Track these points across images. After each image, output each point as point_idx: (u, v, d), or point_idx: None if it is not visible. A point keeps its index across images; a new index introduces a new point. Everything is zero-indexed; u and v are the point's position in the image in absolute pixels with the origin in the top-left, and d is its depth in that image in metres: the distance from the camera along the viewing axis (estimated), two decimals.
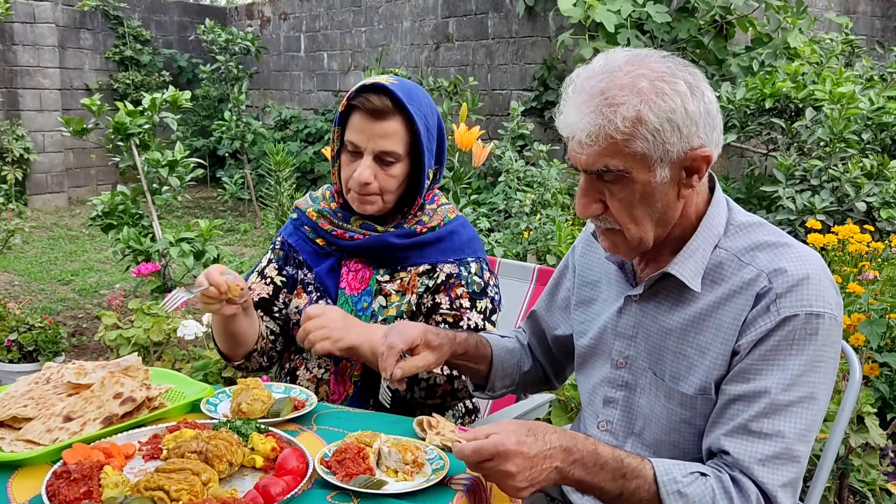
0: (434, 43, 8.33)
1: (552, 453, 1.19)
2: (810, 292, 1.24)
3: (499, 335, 1.74)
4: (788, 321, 1.23)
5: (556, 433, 1.22)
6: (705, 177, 1.33)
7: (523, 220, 4.75)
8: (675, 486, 1.22)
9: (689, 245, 1.33)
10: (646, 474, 1.23)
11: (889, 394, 2.82)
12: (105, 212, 4.23)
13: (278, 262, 1.94)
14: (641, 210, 1.28)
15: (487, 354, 1.64)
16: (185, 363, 3.35)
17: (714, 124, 1.26)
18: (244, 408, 1.47)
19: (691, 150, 1.24)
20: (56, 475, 1.19)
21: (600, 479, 1.22)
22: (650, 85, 1.21)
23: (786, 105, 5.18)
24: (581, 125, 1.24)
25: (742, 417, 1.25)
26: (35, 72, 8.84)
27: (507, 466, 1.16)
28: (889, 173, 4.48)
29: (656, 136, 1.21)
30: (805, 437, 1.24)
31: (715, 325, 1.30)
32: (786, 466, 1.23)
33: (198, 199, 9.64)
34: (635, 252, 1.36)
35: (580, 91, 1.26)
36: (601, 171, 1.26)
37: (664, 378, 1.37)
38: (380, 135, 1.71)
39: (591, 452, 1.22)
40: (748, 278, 1.28)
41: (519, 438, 1.17)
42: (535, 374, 1.75)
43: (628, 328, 1.43)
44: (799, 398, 1.23)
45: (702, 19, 5.87)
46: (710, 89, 1.28)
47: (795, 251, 1.29)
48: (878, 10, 9.06)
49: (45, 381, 1.56)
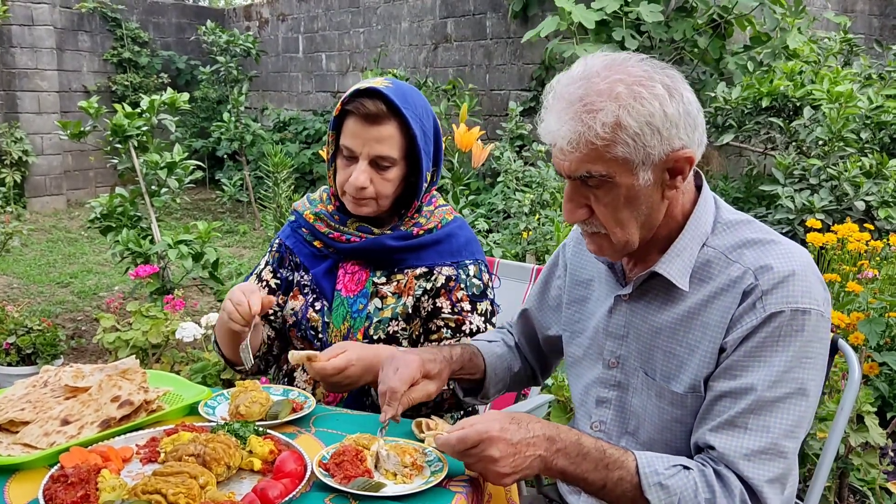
0: (432, 43, 8.33)
1: (535, 441, 1.22)
2: (796, 288, 1.24)
3: (486, 340, 1.75)
4: (774, 317, 1.24)
5: (540, 423, 1.25)
6: (691, 176, 1.34)
7: (522, 220, 4.75)
8: (657, 479, 1.23)
9: (676, 244, 1.34)
10: (628, 465, 1.24)
11: (889, 393, 2.82)
12: (104, 214, 4.23)
13: (273, 264, 1.94)
14: (626, 213, 1.29)
15: (481, 364, 1.66)
16: (183, 365, 3.35)
17: (695, 124, 1.27)
18: (242, 410, 1.47)
19: (673, 152, 1.25)
20: (53, 479, 1.18)
21: (583, 469, 1.24)
22: (627, 90, 1.22)
23: (784, 104, 5.17)
24: (562, 132, 1.24)
25: (728, 413, 1.25)
26: (33, 74, 8.83)
27: (491, 451, 1.20)
28: (888, 172, 4.48)
29: (637, 140, 1.22)
30: (793, 434, 1.24)
31: (703, 323, 1.31)
32: (772, 462, 1.23)
33: (197, 200, 9.64)
34: (621, 254, 1.37)
35: (559, 98, 1.26)
36: (584, 176, 1.27)
37: (655, 377, 1.38)
38: (375, 139, 1.71)
39: (574, 443, 1.24)
40: (735, 276, 1.29)
41: (502, 426, 1.21)
42: (523, 373, 1.78)
43: (619, 328, 1.44)
44: (785, 394, 1.23)
45: (700, 18, 5.87)
46: (688, 90, 1.28)
47: (782, 248, 1.30)
48: (875, 9, 9.05)
49: (42, 385, 1.56)
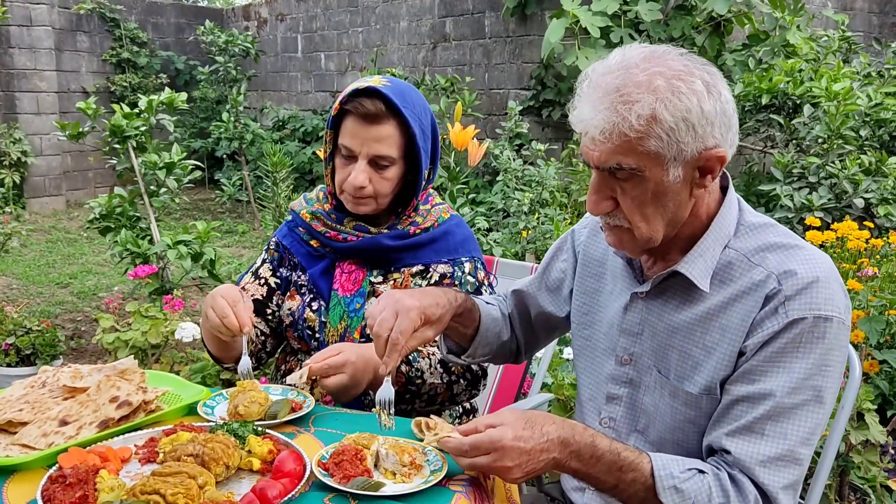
0: (431, 43, 8.32)
1: (549, 446, 1.21)
2: (819, 295, 1.23)
3: (484, 301, 1.71)
4: (796, 324, 1.22)
5: (555, 423, 1.23)
6: (718, 177, 1.31)
7: (522, 219, 4.75)
8: (672, 482, 1.22)
9: (700, 244, 1.32)
10: (643, 468, 1.23)
11: (889, 390, 2.82)
12: (103, 214, 4.22)
13: (272, 262, 1.93)
14: (653, 209, 1.27)
15: (476, 319, 1.61)
16: (183, 365, 3.34)
17: (730, 124, 1.25)
18: (241, 410, 1.46)
19: (706, 150, 1.23)
20: (52, 479, 1.18)
21: (596, 470, 1.24)
22: (666, 83, 1.19)
23: (783, 102, 5.17)
24: (595, 122, 1.22)
25: (746, 418, 1.24)
26: (32, 75, 8.83)
27: (504, 462, 1.18)
28: (887, 170, 4.48)
29: (671, 135, 1.19)
30: (808, 441, 1.24)
31: (722, 325, 1.29)
32: (788, 468, 1.22)
33: (196, 200, 9.63)
34: (641, 250, 1.35)
35: (595, 87, 1.23)
36: (614, 168, 1.24)
37: (669, 376, 1.36)
38: (374, 139, 1.70)
39: (589, 445, 1.23)
40: (757, 279, 1.27)
41: (516, 433, 1.19)
42: (509, 345, 1.73)
43: (634, 325, 1.43)
44: (804, 401, 1.22)
45: (699, 16, 5.87)
46: (727, 88, 1.26)
47: (806, 253, 1.28)
48: (875, 7, 9.05)
49: (40, 385, 1.55)
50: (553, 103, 6.82)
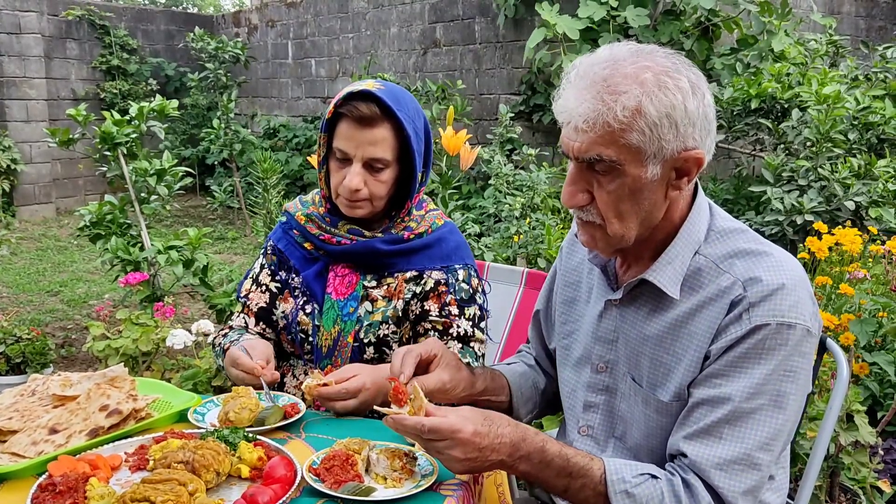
0: (422, 48, 8.34)
1: (500, 447, 1.23)
2: (784, 302, 1.23)
3: (505, 363, 1.71)
4: (759, 330, 1.22)
5: (510, 426, 1.25)
6: (693, 180, 1.31)
7: (513, 224, 4.75)
8: (624, 486, 1.23)
9: (669, 251, 1.32)
10: (592, 474, 1.24)
11: (879, 392, 2.83)
12: (93, 222, 4.20)
13: (271, 267, 1.93)
14: (628, 205, 1.26)
15: (504, 384, 1.60)
16: (174, 372, 3.33)
17: (709, 129, 1.25)
18: (232, 416, 1.46)
19: (685, 151, 1.23)
20: (41, 488, 1.18)
21: (546, 475, 1.25)
22: (654, 77, 1.20)
23: (772, 106, 5.20)
24: (580, 110, 1.21)
25: (704, 422, 1.25)
26: (21, 82, 8.80)
27: (455, 452, 1.21)
28: (877, 172, 4.50)
29: (653, 130, 1.19)
30: (768, 447, 1.23)
31: (690, 331, 1.29)
32: (745, 473, 1.22)
33: (187, 207, 9.61)
34: (612, 248, 1.33)
35: (582, 77, 1.23)
36: (593, 159, 1.23)
37: (642, 384, 1.36)
38: (369, 142, 1.71)
39: (538, 450, 1.25)
40: (724, 286, 1.27)
41: (476, 428, 1.21)
42: (550, 389, 1.69)
43: (609, 332, 1.42)
44: (761, 405, 1.22)
45: (687, 21, 5.90)
46: (709, 93, 1.27)
47: (773, 260, 1.27)
48: (862, 11, 9.12)
49: (30, 394, 1.55)
50: (543, 108, 6.85)
